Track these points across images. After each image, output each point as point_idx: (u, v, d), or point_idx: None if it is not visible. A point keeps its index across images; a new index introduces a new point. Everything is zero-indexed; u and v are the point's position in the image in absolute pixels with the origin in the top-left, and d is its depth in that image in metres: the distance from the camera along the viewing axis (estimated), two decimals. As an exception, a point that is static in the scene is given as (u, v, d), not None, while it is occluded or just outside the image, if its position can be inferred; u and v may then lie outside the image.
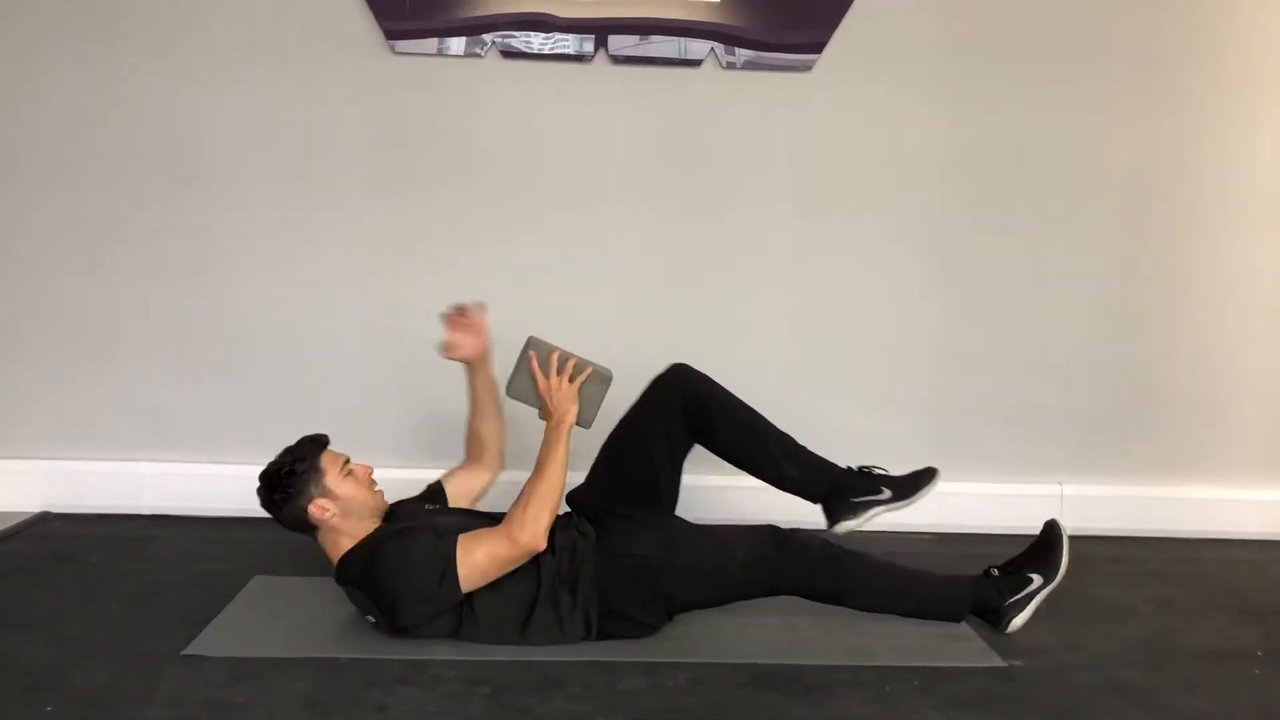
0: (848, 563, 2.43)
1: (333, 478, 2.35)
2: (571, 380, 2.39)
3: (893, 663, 2.32)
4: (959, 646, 2.43)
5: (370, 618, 2.36)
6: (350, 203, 3.30)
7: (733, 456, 2.57)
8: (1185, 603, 2.83)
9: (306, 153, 3.27)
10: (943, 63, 3.33)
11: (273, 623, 2.45)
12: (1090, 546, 3.26)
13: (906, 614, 2.49)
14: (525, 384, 2.44)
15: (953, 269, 3.41)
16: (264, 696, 2.08)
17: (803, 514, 2.54)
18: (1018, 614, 2.45)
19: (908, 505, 2.48)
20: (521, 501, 2.30)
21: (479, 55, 3.24)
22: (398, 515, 2.48)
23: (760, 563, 2.40)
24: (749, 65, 3.27)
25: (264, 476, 2.37)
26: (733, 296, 3.39)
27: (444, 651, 2.28)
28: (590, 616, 2.36)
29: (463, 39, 3.23)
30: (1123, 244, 3.43)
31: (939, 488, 2.49)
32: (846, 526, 2.47)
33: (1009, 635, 2.45)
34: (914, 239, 3.40)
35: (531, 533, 2.26)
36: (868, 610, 2.49)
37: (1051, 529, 2.54)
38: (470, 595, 2.30)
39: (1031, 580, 2.48)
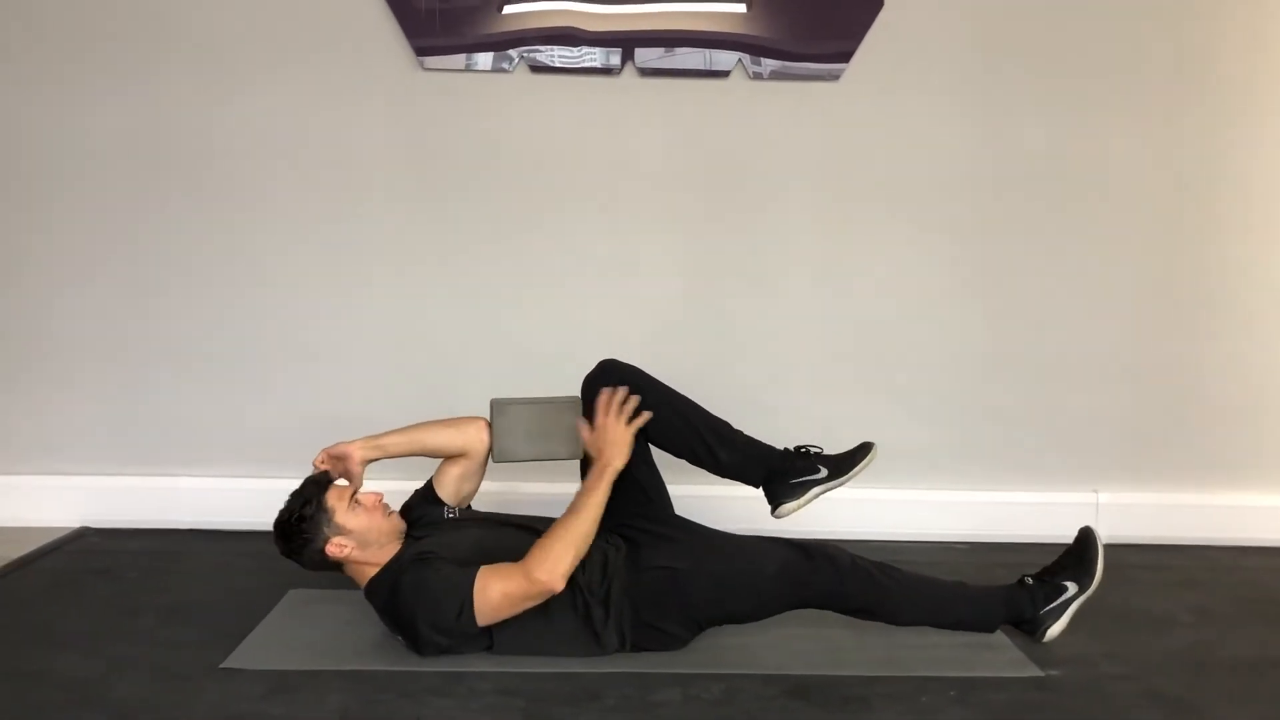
0: (880, 577, 2.41)
1: (342, 514, 2.35)
2: (629, 422, 2.40)
3: (928, 673, 2.31)
4: (995, 656, 2.42)
5: (399, 637, 2.38)
6: (382, 217, 3.33)
7: (669, 446, 2.57)
8: (1225, 612, 2.79)
9: (338, 168, 3.31)
10: (970, 70, 3.32)
11: (308, 636, 2.47)
12: (1127, 555, 3.24)
13: (939, 626, 2.47)
14: (507, 445, 2.53)
15: (983, 276, 3.40)
16: (301, 709, 2.10)
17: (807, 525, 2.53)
18: (1054, 623, 2.42)
19: (846, 482, 2.45)
20: (548, 540, 2.28)
21: (506, 70, 3.26)
22: (418, 530, 2.50)
23: (789, 574, 2.38)
24: (776, 75, 3.27)
25: (276, 527, 2.38)
26: (761, 306, 3.39)
27: (478, 664, 2.29)
28: (624, 629, 2.36)
29: (490, 54, 3.26)
30: (1156, 248, 3.40)
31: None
32: (788, 509, 2.44)
33: (1045, 644, 2.43)
34: (943, 247, 3.38)
35: (550, 573, 2.25)
36: (900, 624, 2.47)
37: (1086, 535, 2.52)
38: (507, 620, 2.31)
39: (1066, 589, 2.45)
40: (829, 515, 2.57)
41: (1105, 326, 3.40)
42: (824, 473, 2.44)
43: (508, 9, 3.23)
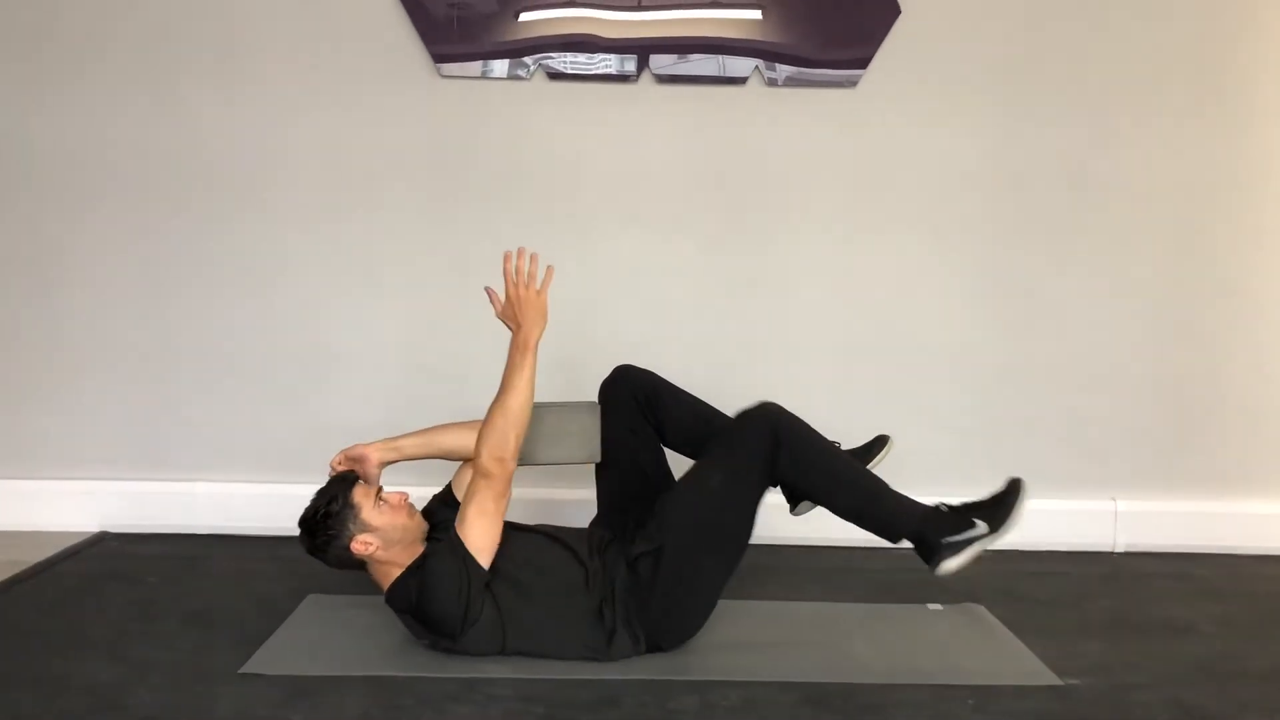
0: (785, 435, 2.39)
1: (368, 511, 2.35)
2: (539, 288, 2.37)
3: (947, 681, 2.30)
4: (1014, 665, 2.41)
5: (424, 641, 2.38)
6: (400, 222, 3.35)
7: (684, 448, 2.62)
8: (1246, 621, 2.77)
9: (357, 174, 3.32)
10: (989, 77, 3.31)
11: (328, 641, 2.47)
12: (1147, 563, 3.24)
13: (846, 515, 2.44)
14: (525, 448, 2.47)
15: (1002, 284, 3.39)
16: (320, 714, 2.10)
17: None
18: (951, 557, 2.33)
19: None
20: (486, 429, 2.31)
21: (523, 77, 3.27)
22: (438, 534, 2.50)
23: (728, 466, 2.39)
24: (792, 82, 3.27)
25: (302, 524, 2.38)
26: (777, 312, 3.38)
27: (498, 670, 2.29)
28: (635, 628, 2.37)
29: (505, 61, 3.27)
30: (1175, 256, 3.38)
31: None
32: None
33: (940, 577, 2.36)
34: (962, 254, 3.38)
35: (491, 455, 2.27)
36: (820, 499, 2.46)
37: (1014, 484, 2.44)
38: (517, 614, 2.32)
39: (975, 525, 2.36)
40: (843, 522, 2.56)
41: (1124, 332, 3.39)
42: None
43: (524, 16, 3.24)
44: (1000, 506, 2.40)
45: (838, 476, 2.44)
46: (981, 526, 2.36)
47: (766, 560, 3.12)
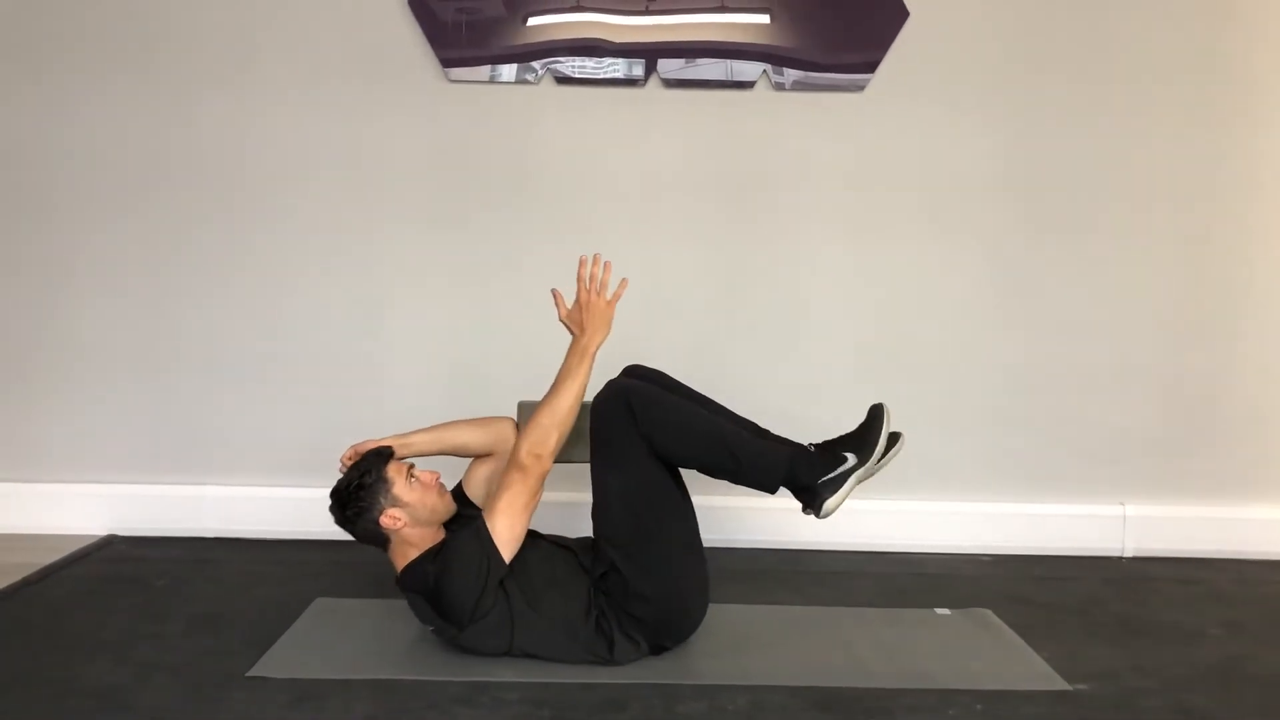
0: (636, 401, 2.37)
1: (400, 486, 2.35)
2: (610, 297, 2.39)
3: (954, 685, 2.30)
4: (1022, 670, 2.40)
5: (430, 626, 2.38)
6: (408, 227, 3.35)
7: (691, 450, 2.55)
8: (1255, 626, 2.76)
9: (366, 179, 3.33)
10: (997, 80, 3.31)
11: (335, 644, 2.48)
12: (1155, 568, 3.23)
13: (721, 473, 2.42)
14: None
15: (1010, 287, 3.38)
16: (327, 718, 2.11)
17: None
18: (831, 494, 2.33)
19: (880, 467, 2.43)
20: (532, 424, 2.33)
21: (531, 82, 3.28)
22: (455, 524, 2.51)
23: (610, 459, 2.38)
24: (800, 86, 3.28)
25: (334, 494, 2.38)
26: (788, 316, 3.38)
27: (505, 673, 2.29)
28: (632, 635, 2.38)
29: (514, 66, 3.27)
30: (1185, 258, 3.37)
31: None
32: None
33: (824, 517, 2.35)
34: (970, 257, 3.37)
35: (530, 451, 2.30)
36: (685, 461, 2.42)
37: (875, 410, 2.43)
38: (527, 617, 2.32)
39: (846, 459, 2.35)
40: (854, 526, 2.55)
41: (1133, 337, 3.38)
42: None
43: (532, 21, 3.25)
44: (867, 434, 2.39)
45: (697, 435, 2.40)
46: (851, 459, 2.35)
47: (774, 565, 3.12)
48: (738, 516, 3.12)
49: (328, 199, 3.34)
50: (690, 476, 2.63)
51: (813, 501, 2.35)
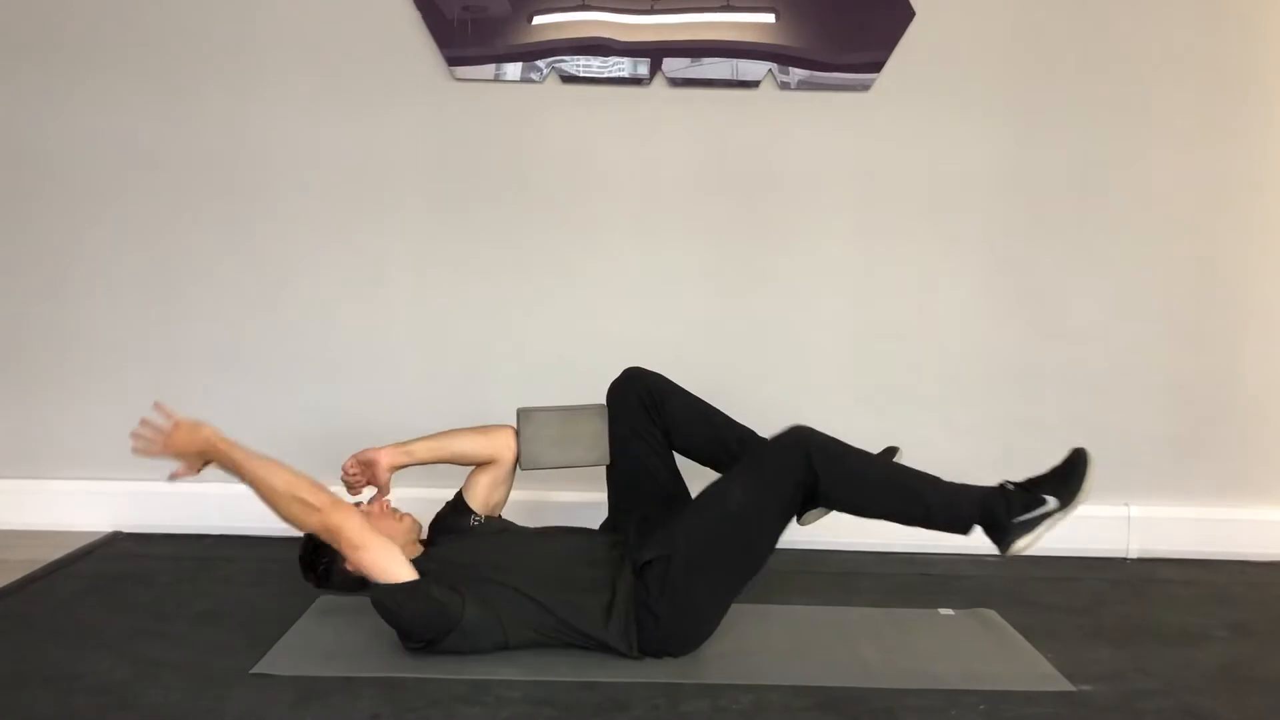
0: (849, 460, 2.36)
1: None
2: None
3: (958, 686, 2.29)
4: (1026, 671, 2.40)
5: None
6: (411, 225, 3.35)
7: (694, 453, 2.62)
8: (1260, 627, 2.76)
9: (368, 176, 3.33)
10: (1003, 80, 3.30)
11: (338, 642, 2.48)
12: (1160, 569, 3.22)
13: (909, 520, 2.38)
14: (534, 451, 2.58)
15: (1015, 288, 3.38)
16: (330, 716, 2.10)
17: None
18: (1023, 535, 2.30)
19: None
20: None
21: (535, 81, 3.28)
22: (443, 540, 2.52)
23: (752, 486, 2.36)
24: (805, 85, 3.27)
25: (300, 564, 2.43)
26: (792, 317, 3.38)
27: (508, 672, 2.29)
28: (630, 634, 2.37)
29: (519, 64, 3.27)
30: (1188, 260, 3.37)
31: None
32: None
33: (1010, 556, 2.32)
34: (976, 258, 3.37)
35: (304, 526, 2.32)
36: (869, 515, 2.40)
37: (1077, 455, 2.40)
38: (520, 612, 2.34)
39: (1045, 501, 2.32)
40: (860, 526, 2.54)
41: (1139, 338, 3.37)
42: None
43: (538, 19, 3.25)
44: (1069, 478, 2.35)
45: (883, 488, 2.39)
46: (1052, 502, 2.32)
47: (777, 564, 3.10)
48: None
49: (332, 196, 3.34)
50: (689, 471, 2.65)
51: (1001, 539, 2.32)
